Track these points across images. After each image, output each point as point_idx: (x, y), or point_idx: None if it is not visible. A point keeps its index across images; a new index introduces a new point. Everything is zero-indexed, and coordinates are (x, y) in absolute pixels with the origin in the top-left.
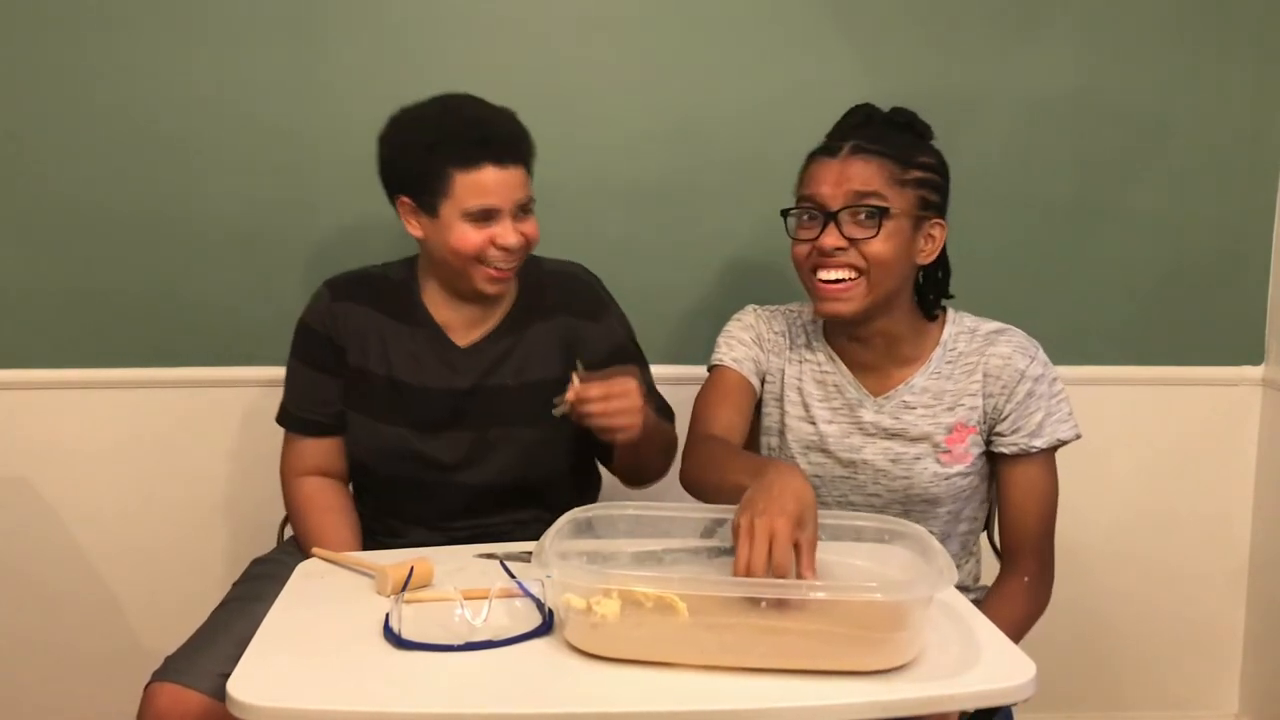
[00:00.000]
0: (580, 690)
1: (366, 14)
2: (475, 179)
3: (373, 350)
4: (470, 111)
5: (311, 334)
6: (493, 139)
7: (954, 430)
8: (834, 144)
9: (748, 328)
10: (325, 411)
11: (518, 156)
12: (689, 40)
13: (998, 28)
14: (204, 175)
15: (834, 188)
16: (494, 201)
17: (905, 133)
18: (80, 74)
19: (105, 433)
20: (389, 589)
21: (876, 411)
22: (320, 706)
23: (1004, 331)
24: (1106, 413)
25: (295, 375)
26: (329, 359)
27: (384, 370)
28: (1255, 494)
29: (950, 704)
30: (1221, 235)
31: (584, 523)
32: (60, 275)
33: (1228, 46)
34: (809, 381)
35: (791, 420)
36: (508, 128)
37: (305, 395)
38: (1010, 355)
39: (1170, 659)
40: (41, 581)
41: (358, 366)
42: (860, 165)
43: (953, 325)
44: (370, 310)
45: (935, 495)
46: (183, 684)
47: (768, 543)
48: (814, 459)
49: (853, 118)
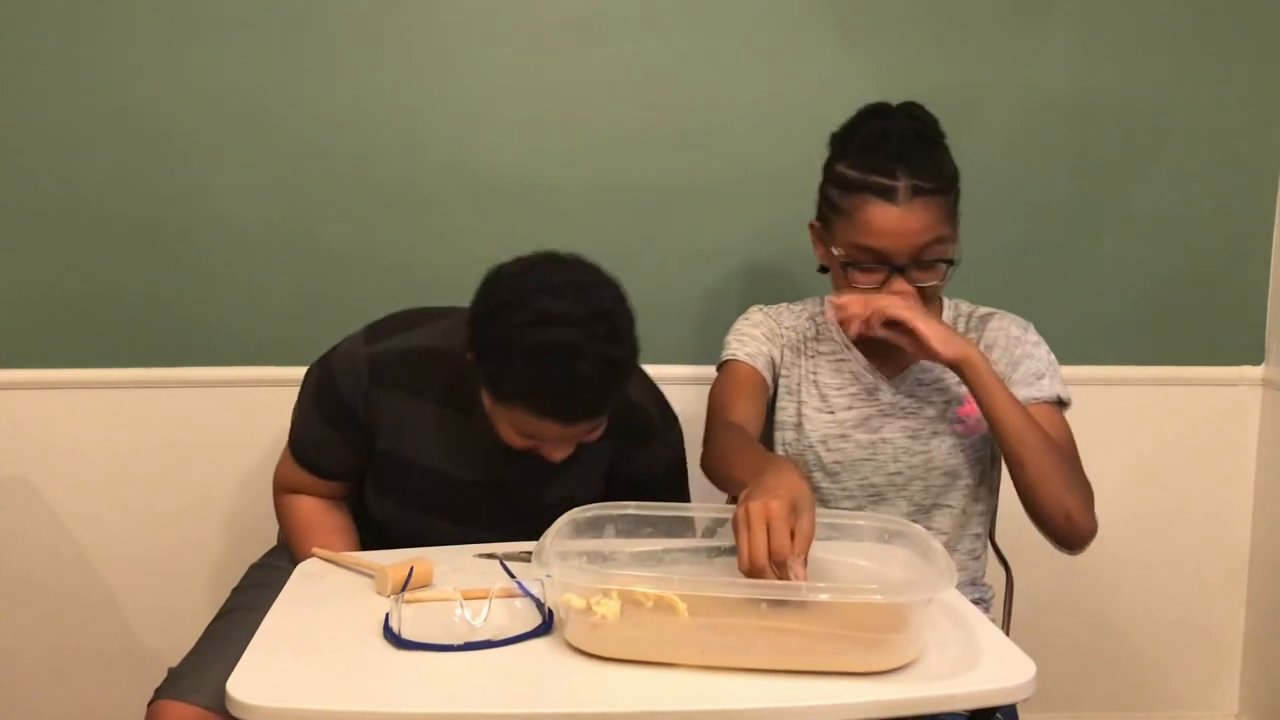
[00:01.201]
0: (580, 690)
1: (369, 15)
2: (534, 423)
3: (406, 435)
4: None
5: (340, 403)
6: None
7: (966, 400)
8: (886, 184)
9: (758, 324)
10: (334, 463)
11: (592, 418)
12: (691, 42)
13: (998, 28)
14: (204, 176)
15: (897, 239)
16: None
17: (936, 147)
18: (80, 74)
19: (105, 433)
20: (389, 589)
21: (894, 392)
22: (320, 706)
23: (996, 313)
24: (1106, 413)
25: (311, 421)
26: (352, 432)
27: (419, 458)
28: (1255, 494)
29: (950, 704)
30: (1221, 235)
31: (584, 523)
32: (60, 275)
33: (1228, 46)
34: (825, 372)
35: (809, 412)
36: (590, 401)
37: (318, 444)
38: (1006, 326)
39: (1170, 659)
40: (40, 582)
41: (386, 450)
42: (922, 213)
43: (950, 310)
44: (412, 398)
45: (954, 466)
46: (189, 701)
47: (764, 527)
48: (834, 446)
49: (881, 132)
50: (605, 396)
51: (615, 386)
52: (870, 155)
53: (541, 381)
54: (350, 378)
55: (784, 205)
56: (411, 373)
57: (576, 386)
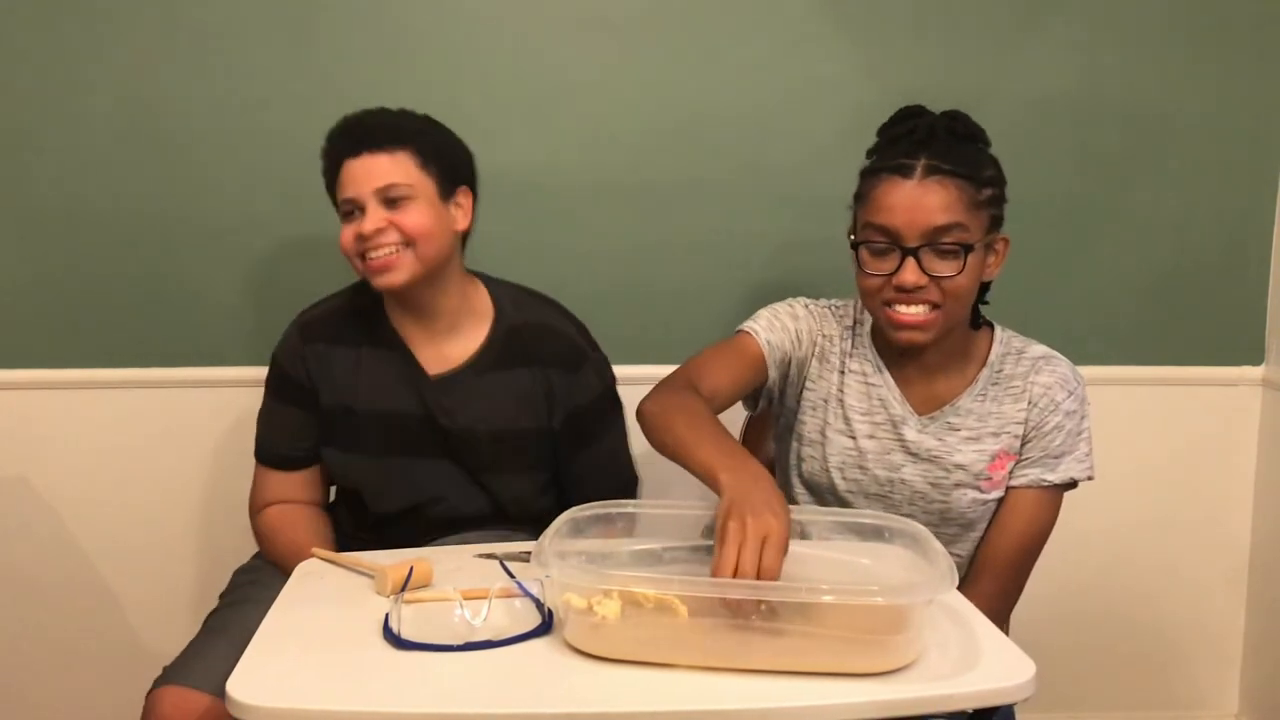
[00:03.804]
0: (580, 690)
1: (367, 15)
2: (340, 175)
3: (345, 385)
4: (353, 115)
5: (284, 376)
6: (353, 129)
7: (997, 458)
8: (904, 162)
9: (798, 318)
10: (297, 446)
11: (380, 144)
12: (690, 40)
13: (999, 28)
14: (204, 175)
15: (911, 217)
16: (350, 193)
17: (969, 144)
18: (81, 74)
19: (104, 432)
20: (388, 589)
21: (920, 431)
22: (320, 706)
23: (1050, 359)
24: (1106, 413)
25: (267, 412)
26: (302, 398)
27: (357, 402)
28: (1255, 494)
29: (950, 704)
30: (1221, 235)
31: (583, 522)
32: (58, 275)
33: (1228, 46)
34: (852, 394)
35: (831, 433)
36: (377, 119)
37: (277, 430)
38: (1050, 386)
39: (1170, 659)
40: (40, 581)
41: (330, 405)
42: (938, 191)
43: (1000, 345)
44: (341, 348)
45: (971, 520)
46: (186, 685)
47: (760, 545)
48: (850, 475)
49: (910, 126)
50: (393, 123)
51: (406, 121)
52: (896, 144)
53: (336, 130)
54: (286, 350)
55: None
56: (332, 327)
57: (363, 115)
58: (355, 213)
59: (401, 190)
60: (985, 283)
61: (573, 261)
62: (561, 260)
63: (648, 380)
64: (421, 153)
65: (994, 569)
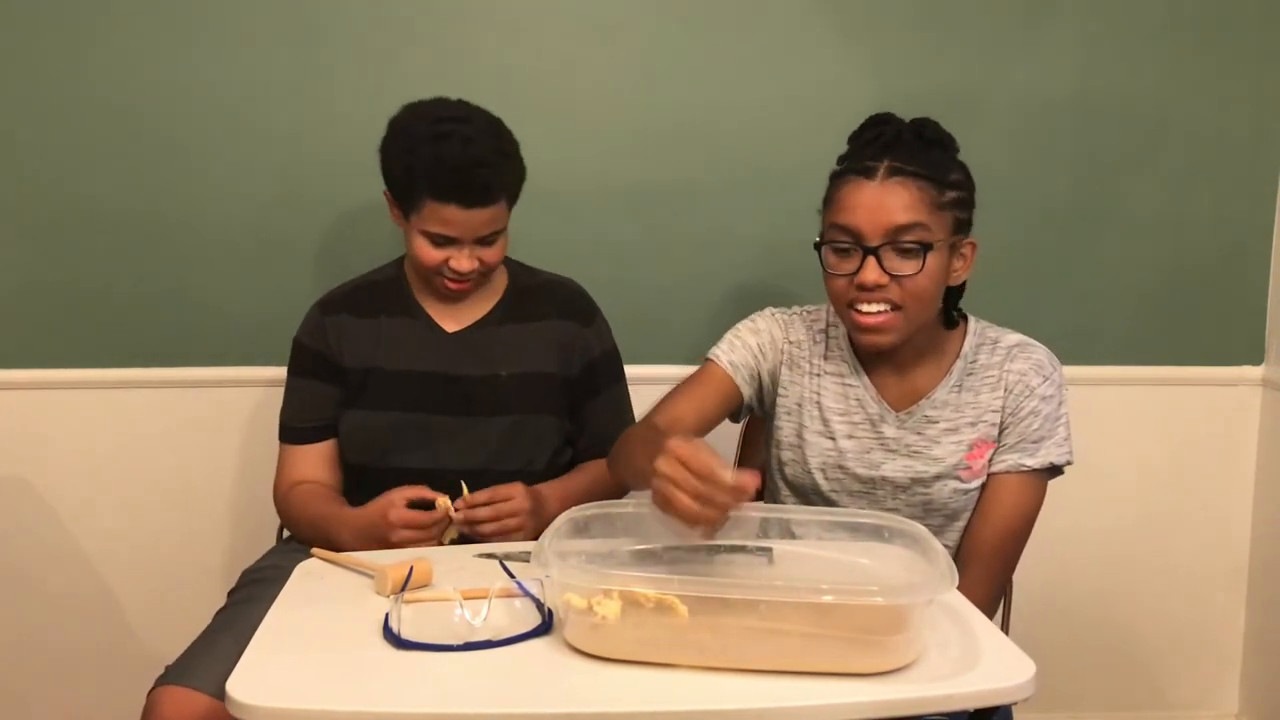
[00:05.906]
0: (580, 690)
1: (368, 14)
2: (439, 212)
3: (367, 350)
4: (454, 150)
5: (304, 350)
6: (466, 187)
7: (974, 447)
8: (866, 164)
9: (757, 332)
10: (319, 416)
11: (487, 201)
12: (691, 42)
13: (998, 28)
14: (204, 175)
15: (872, 217)
16: (453, 233)
17: (935, 149)
18: (80, 74)
19: (105, 433)
20: (388, 589)
21: (898, 427)
22: (320, 706)
23: (1025, 346)
24: (1106, 413)
25: (289, 391)
26: (323, 369)
27: (379, 362)
28: (1255, 494)
29: (950, 704)
30: (1221, 235)
31: (583, 521)
32: (60, 275)
33: (1228, 46)
34: (829, 396)
35: (810, 435)
36: (484, 178)
37: (302, 405)
38: (1025, 372)
39: (1170, 659)
40: (40, 581)
41: (354, 367)
42: (899, 191)
43: (974, 336)
44: (361, 317)
45: (955, 510)
46: (187, 685)
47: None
48: (831, 475)
49: (877, 132)
50: (497, 177)
51: (505, 171)
52: (864, 149)
53: (442, 163)
54: (307, 327)
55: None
56: (351, 300)
57: (471, 164)
58: (446, 244)
59: (494, 233)
60: (953, 288)
61: (573, 261)
62: (561, 260)
63: (647, 380)
64: (511, 198)
65: (981, 556)
